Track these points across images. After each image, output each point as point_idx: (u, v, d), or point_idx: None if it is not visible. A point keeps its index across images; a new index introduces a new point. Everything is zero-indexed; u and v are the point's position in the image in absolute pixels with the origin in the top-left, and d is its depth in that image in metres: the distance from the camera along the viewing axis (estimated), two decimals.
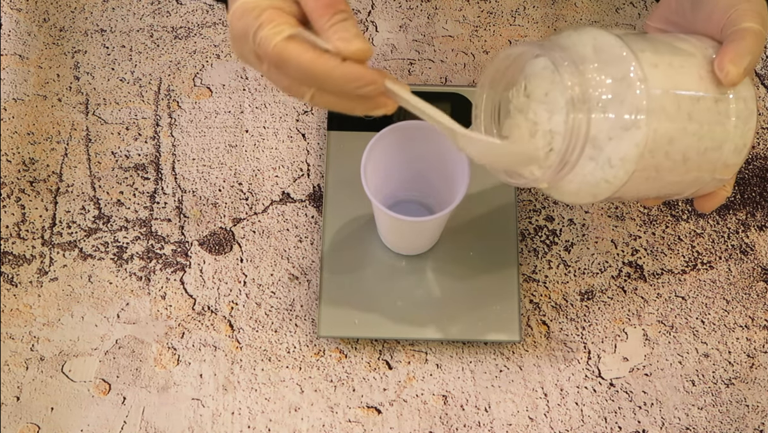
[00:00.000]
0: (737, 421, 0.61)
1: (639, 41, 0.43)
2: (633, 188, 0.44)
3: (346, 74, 0.39)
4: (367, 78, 0.40)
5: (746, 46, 0.42)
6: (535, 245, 0.66)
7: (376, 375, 0.61)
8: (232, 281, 0.64)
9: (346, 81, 0.40)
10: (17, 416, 0.60)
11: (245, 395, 0.60)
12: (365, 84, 0.40)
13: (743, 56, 0.42)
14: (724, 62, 0.42)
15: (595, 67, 0.42)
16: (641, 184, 0.44)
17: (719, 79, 0.42)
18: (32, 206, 0.66)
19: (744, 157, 0.45)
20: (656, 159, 0.42)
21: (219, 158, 0.68)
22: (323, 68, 0.39)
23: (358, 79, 0.40)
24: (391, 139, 0.54)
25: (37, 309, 0.63)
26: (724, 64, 0.42)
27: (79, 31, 0.73)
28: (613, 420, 0.60)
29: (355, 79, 0.40)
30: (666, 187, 0.45)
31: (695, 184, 0.46)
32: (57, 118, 0.70)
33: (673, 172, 0.43)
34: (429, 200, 0.63)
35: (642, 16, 0.75)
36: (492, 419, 0.60)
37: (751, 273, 0.65)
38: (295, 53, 0.39)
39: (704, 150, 0.43)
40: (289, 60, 0.40)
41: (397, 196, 0.63)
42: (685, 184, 0.46)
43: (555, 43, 0.44)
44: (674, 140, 0.42)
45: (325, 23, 0.40)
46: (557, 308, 0.64)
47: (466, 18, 0.75)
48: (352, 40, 0.39)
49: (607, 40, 0.43)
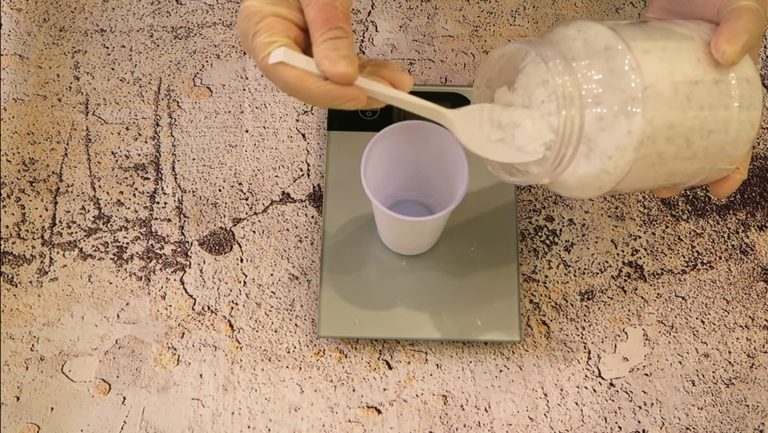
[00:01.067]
0: (737, 421, 0.61)
1: (631, 29, 0.43)
2: (638, 178, 0.44)
3: (326, 93, 0.41)
4: (349, 95, 0.41)
5: (742, 25, 0.42)
6: (535, 245, 0.66)
7: (376, 375, 0.61)
8: (232, 281, 0.64)
9: (328, 99, 0.41)
10: (17, 416, 0.60)
11: (245, 395, 0.60)
12: (346, 101, 0.41)
13: (739, 35, 0.42)
14: (720, 42, 0.42)
15: (585, 62, 0.42)
16: (646, 173, 0.43)
17: (717, 61, 0.42)
18: (32, 206, 0.66)
19: (752, 138, 0.44)
20: (658, 146, 0.42)
21: (219, 158, 0.68)
22: (304, 86, 0.41)
23: (339, 97, 0.41)
24: (391, 139, 0.54)
25: (37, 309, 0.63)
26: (720, 44, 0.42)
27: (79, 31, 0.73)
28: (613, 420, 0.60)
29: (336, 97, 0.41)
30: (676, 175, 0.45)
31: (706, 169, 0.45)
32: (57, 118, 0.70)
33: (678, 159, 0.43)
34: (429, 200, 0.63)
35: (642, 15, 0.75)
36: (492, 419, 0.60)
37: (751, 273, 0.65)
38: (281, 68, 0.40)
39: (708, 133, 0.43)
40: (274, 73, 0.41)
41: (397, 196, 0.63)
42: (694, 170, 0.45)
43: (547, 40, 0.44)
44: (674, 125, 0.42)
45: (318, 37, 0.41)
46: (557, 308, 0.64)
47: (466, 18, 0.75)
48: (338, 61, 0.40)
49: (598, 31, 0.43)
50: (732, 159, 0.45)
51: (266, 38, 0.40)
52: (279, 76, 0.41)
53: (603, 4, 0.76)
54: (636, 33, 0.43)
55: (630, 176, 0.43)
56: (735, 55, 0.41)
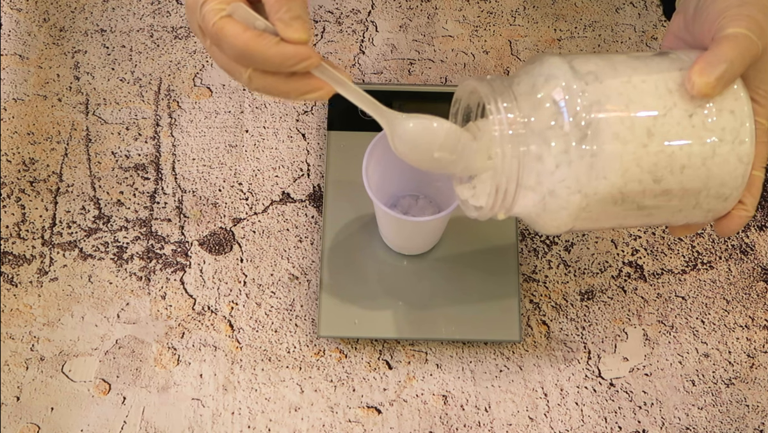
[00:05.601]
0: (737, 421, 0.61)
1: (595, 62, 0.42)
2: (604, 214, 0.42)
3: (280, 53, 0.40)
4: (302, 54, 0.40)
5: (721, 54, 0.40)
6: (535, 245, 0.66)
7: (376, 375, 0.61)
8: (232, 281, 0.64)
9: (282, 59, 0.40)
10: (17, 416, 0.60)
11: (245, 395, 0.60)
12: (300, 60, 0.40)
13: (715, 65, 0.39)
14: (692, 73, 0.40)
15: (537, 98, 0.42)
16: (611, 209, 0.42)
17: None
18: (32, 206, 0.66)
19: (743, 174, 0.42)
20: (613, 181, 0.40)
21: (219, 158, 0.68)
22: (258, 48, 0.39)
23: (293, 56, 0.40)
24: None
25: (37, 309, 0.63)
26: (691, 75, 0.40)
27: (79, 31, 0.73)
28: (613, 420, 0.60)
29: (290, 56, 0.40)
30: (656, 213, 0.43)
31: (694, 207, 0.43)
32: (57, 118, 0.70)
33: (647, 195, 0.41)
34: (430, 200, 0.63)
35: (642, 15, 0.75)
36: (492, 419, 0.60)
37: (751, 273, 0.65)
38: (232, 32, 0.39)
39: (681, 168, 0.41)
40: (225, 38, 0.40)
41: (398, 196, 0.63)
42: (677, 206, 0.43)
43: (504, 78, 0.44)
44: (631, 161, 0.40)
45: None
46: (557, 308, 0.64)
47: (466, 18, 0.75)
48: (291, 22, 0.39)
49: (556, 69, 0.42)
50: (724, 195, 0.42)
51: (217, 4, 0.39)
52: (230, 40, 0.39)
53: (603, 4, 0.76)
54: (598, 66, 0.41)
55: (591, 214, 0.42)
56: (706, 87, 0.39)
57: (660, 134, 0.40)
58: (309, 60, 0.40)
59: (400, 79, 0.71)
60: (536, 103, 0.42)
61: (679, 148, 0.40)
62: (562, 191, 0.41)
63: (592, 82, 0.41)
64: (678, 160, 0.41)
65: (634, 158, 0.40)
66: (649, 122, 0.40)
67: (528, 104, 0.42)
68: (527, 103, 0.42)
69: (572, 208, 0.42)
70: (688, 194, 0.42)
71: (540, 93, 0.42)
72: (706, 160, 0.41)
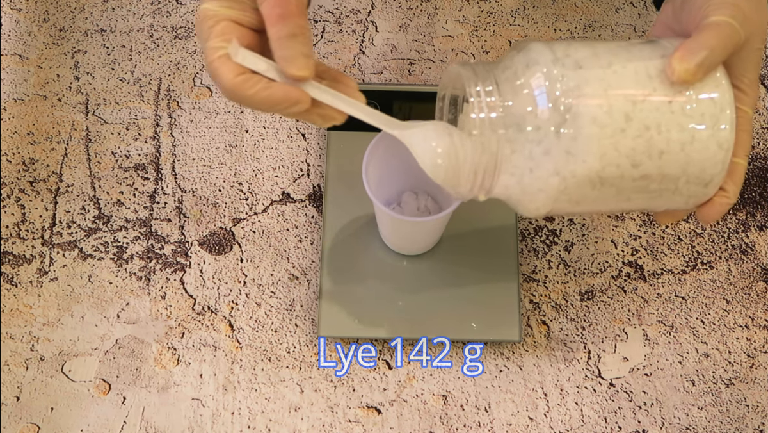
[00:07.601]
0: (737, 421, 0.61)
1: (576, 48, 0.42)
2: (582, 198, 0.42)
3: (269, 98, 0.40)
4: (292, 98, 0.40)
5: (703, 41, 0.40)
6: (535, 245, 0.66)
7: (376, 375, 0.61)
8: (232, 281, 0.64)
9: (271, 104, 0.40)
10: (17, 416, 0.60)
11: (245, 395, 0.60)
12: (291, 104, 0.41)
13: (695, 52, 0.40)
14: (672, 59, 0.40)
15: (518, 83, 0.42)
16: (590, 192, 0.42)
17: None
18: (32, 206, 0.66)
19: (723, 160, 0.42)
20: (591, 164, 0.41)
21: (219, 158, 0.68)
22: (247, 93, 0.40)
23: (283, 101, 0.40)
24: (393, 139, 0.54)
25: (37, 309, 0.63)
26: (671, 62, 0.40)
27: (79, 31, 0.73)
28: (613, 420, 0.60)
29: (279, 101, 0.40)
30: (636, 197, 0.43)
31: (674, 192, 0.43)
32: (57, 118, 0.70)
33: (626, 179, 0.42)
34: (430, 200, 0.63)
35: (642, 15, 0.75)
36: (492, 419, 0.60)
37: (751, 273, 0.65)
38: (224, 75, 0.40)
39: (660, 153, 0.41)
40: (218, 79, 0.40)
41: (398, 196, 0.63)
42: (656, 193, 0.43)
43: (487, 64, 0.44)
44: (609, 145, 0.40)
45: (274, 34, 0.40)
46: (557, 308, 0.64)
47: (466, 18, 0.75)
48: (294, 60, 0.40)
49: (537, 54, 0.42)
50: (704, 181, 0.42)
51: (217, 42, 0.40)
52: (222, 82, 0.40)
53: (603, 4, 0.76)
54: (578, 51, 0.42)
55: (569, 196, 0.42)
56: (686, 73, 0.40)
57: (638, 119, 0.40)
58: (299, 104, 0.41)
59: (400, 79, 0.71)
60: (517, 88, 0.42)
61: (657, 133, 0.41)
62: (541, 173, 0.41)
63: (572, 68, 0.41)
64: (656, 145, 0.41)
65: (612, 142, 0.40)
66: (628, 107, 0.40)
67: (509, 88, 0.42)
68: (509, 88, 0.42)
69: (551, 190, 0.42)
70: (667, 180, 0.42)
71: (521, 78, 0.42)
72: (685, 146, 0.41)
